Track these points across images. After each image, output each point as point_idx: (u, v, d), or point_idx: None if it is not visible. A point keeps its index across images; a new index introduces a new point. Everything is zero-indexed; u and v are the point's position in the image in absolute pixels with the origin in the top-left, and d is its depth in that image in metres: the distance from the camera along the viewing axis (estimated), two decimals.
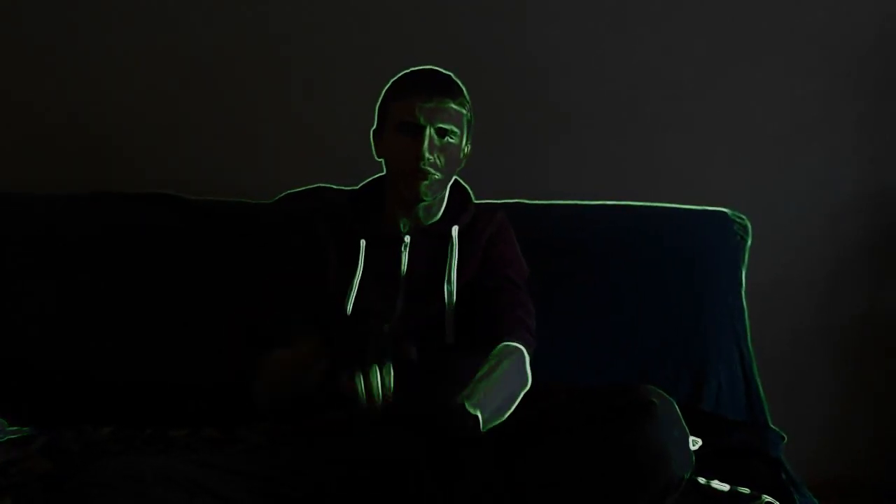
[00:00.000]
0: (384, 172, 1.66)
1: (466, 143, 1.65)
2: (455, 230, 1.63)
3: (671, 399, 1.22)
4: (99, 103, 2.24)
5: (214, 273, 1.94)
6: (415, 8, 2.21)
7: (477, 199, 1.74)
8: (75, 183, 2.12)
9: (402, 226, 1.64)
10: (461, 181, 1.72)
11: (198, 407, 1.78)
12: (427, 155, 1.54)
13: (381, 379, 1.29)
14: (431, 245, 1.62)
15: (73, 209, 2.02)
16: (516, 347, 1.50)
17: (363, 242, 1.61)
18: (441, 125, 1.55)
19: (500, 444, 1.28)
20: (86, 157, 2.24)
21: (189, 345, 1.88)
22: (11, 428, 1.70)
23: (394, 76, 1.64)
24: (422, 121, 1.54)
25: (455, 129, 1.58)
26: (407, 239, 1.62)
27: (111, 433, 1.69)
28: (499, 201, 1.92)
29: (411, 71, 1.63)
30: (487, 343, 1.50)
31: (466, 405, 1.28)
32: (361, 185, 1.73)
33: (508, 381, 1.42)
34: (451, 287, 1.58)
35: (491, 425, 1.32)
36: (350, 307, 1.56)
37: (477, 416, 1.27)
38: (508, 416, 1.37)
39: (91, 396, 1.81)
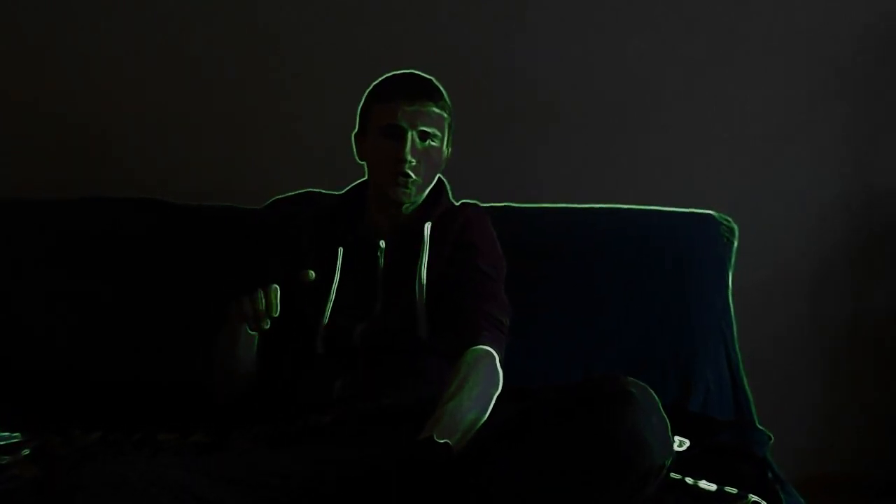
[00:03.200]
0: (366, 176, 1.67)
1: (447, 146, 1.66)
2: (427, 227, 1.63)
3: (649, 388, 1.23)
4: (89, 107, 2.25)
5: (203, 277, 1.95)
6: (406, 13, 2.22)
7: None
8: (64, 186, 2.12)
9: (380, 229, 1.64)
10: (440, 176, 1.72)
11: (187, 410, 1.78)
12: (409, 158, 1.55)
13: (265, 296, 1.42)
14: (406, 243, 1.63)
15: (61, 214, 2.02)
16: (486, 352, 1.47)
17: (340, 250, 1.62)
18: (423, 128, 1.57)
19: (479, 440, 1.28)
20: (75, 160, 2.25)
21: (177, 348, 1.88)
22: (2, 434, 1.69)
23: None
24: (404, 124, 1.56)
25: (437, 133, 1.59)
26: (382, 244, 1.62)
27: (100, 438, 1.69)
28: (486, 204, 1.92)
29: (392, 74, 1.64)
30: (458, 343, 1.48)
31: (434, 437, 1.25)
32: (345, 189, 1.74)
33: (479, 396, 1.38)
34: (421, 282, 1.58)
35: (465, 441, 1.29)
36: (329, 311, 1.58)
37: (447, 444, 1.25)
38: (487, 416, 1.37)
39: (81, 400, 1.81)
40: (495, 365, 1.46)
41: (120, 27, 2.22)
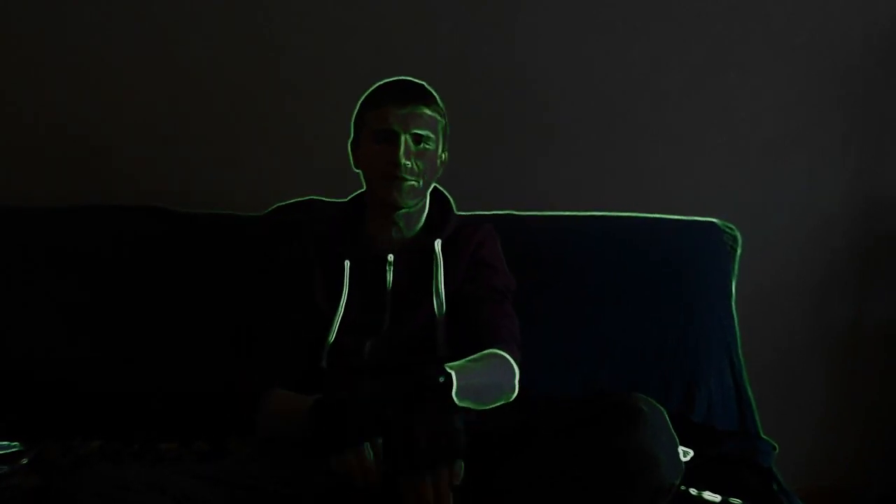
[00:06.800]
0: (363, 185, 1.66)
1: (443, 150, 1.66)
2: (438, 244, 1.63)
3: (660, 406, 1.22)
4: (89, 115, 2.24)
5: (204, 285, 1.94)
6: (406, 21, 2.22)
7: (465, 209, 1.75)
8: (65, 194, 2.11)
9: (384, 241, 1.63)
10: (442, 190, 1.72)
11: (187, 418, 1.77)
12: (403, 161, 1.54)
13: (371, 453, 1.25)
14: (415, 259, 1.62)
15: (63, 221, 2.02)
16: (504, 356, 1.51)
17: (347, 263, 1.61)
18: (416, 131, 1.56)
19: (485, 450, 1.28)
20: (76, 168, 2.24)
21: (178, 356, 1.87)
22: (1, 443, 1.69)
23: None
24: (396, 127, 1.55)
25: (430, 135, 1.58)
26: (390, 257, 1.61)
27: (100, 447, 1.69)
28: (487, 212, 1.93)
29: (384, 81, 1.63)
30: (475, 349, 1.51)
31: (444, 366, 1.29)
32: (346, 200, 1.73)
33: (491, 372, 1.42)
34: (440, 300, 1.58)
35: (466, 403, 1.32)
36: (335, 328, 1.55)
37: (450, 374, 1.28)
38: (492, 426, 1.36)
39: (81, 408, 1.81)
40: (512, 368, 1.50)
41: (121, 34, 2.21)
